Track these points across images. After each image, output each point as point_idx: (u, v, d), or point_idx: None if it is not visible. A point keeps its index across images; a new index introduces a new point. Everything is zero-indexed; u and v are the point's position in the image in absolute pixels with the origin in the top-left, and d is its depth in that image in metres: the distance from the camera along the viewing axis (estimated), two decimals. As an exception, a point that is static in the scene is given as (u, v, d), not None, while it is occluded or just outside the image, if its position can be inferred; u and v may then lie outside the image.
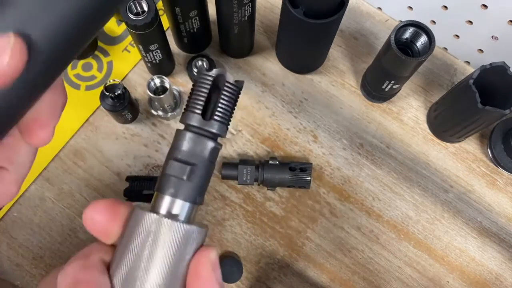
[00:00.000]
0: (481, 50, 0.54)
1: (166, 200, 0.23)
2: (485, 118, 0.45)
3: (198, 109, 0.22)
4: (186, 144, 0.23)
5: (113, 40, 0.57)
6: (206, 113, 0.23)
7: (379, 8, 0.59)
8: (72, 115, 0.53)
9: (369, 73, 0.53)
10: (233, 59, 0.56)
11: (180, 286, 0.23)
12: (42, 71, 0.19)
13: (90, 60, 0.56)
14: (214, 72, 0.22)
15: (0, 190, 0.23)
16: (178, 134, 0.23)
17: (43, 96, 0.21)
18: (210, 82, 0.22)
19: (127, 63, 0.56)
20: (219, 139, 0.24)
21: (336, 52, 0.57)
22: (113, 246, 0.24)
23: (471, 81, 0.44)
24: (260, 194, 0.52)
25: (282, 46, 0.53)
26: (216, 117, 0.23)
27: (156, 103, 0.51)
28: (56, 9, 0.18)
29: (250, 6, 0.46)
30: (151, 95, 0.48)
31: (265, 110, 0.55)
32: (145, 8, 0.44)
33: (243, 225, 0.51)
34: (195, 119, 0.22)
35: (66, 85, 0.55)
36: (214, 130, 0.23)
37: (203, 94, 0.22)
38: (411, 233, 0.52)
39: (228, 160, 0.52)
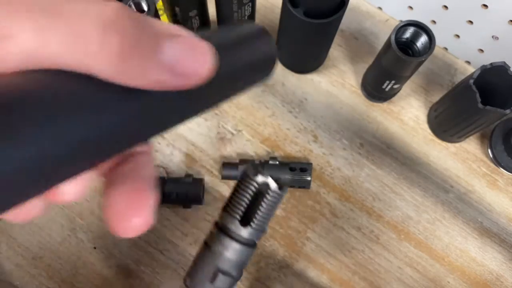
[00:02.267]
0: (481, 50, 0.54)
1: None
2: (485, 118, 0.45)
3: (239, 214, 0.22)
4: (225, 251, 0.22)
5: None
6: (247, 219, 0.22)
7: (380, 8, 0.59)
8: (72, 115, 0.53)
9: (370, 73, 0.53)
10: (233, 59, 0.56)
11: None
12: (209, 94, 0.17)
13: (90, 60, 0.55)
14: (259, 179, 0.22)
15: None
16: (221, 240, 0.22)
17: None
18: (254, 189, 0.22)
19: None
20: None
21: (336, 52, 0.57)
22: None
23: (472, 81, 0.44)
24: (260, 194, 0.52)
25: (282, 45, 0.53)
26: (255, 226, 0.22)
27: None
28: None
29: (250, 5, 0.46)
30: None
31: (265, 110, 0.55)
32: (145, 8, 0.44)
33: (243, 225, 0.51)
34: (239, 228, 0.22)
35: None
36: (254, 239, 0.23)
37: (245, 200, 0.22)
38: (411, 233, 0.51)
39: (228, 160, 0.52)
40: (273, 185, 0.22)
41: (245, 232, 0.22)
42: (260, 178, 0.22)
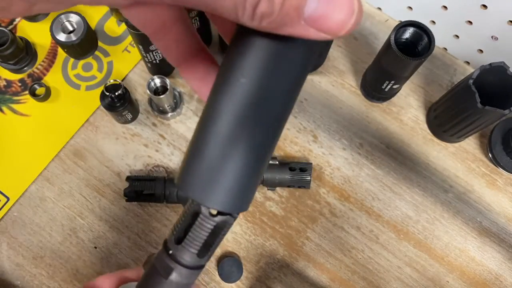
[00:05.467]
0: (480, 50, 0.54)
1: None
2: (484, 118, 0.45)
3: (196, 249, 0.21)
4: (184, 280, 0.22)
5: (114, 41, 0.57)
6: (203, 251, 0.22)
7: (379, 8, 0.59)
8: (72, 115, 0.54)
9: (369, 73, 0.53)
10: (233, 59, 0.56)
11: None
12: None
13: (90, 60, 0.56)
14: (218, 219, 0.21)
15: None
16: (179, 271, 0.22)
17: None
18: (211, 227, 0.21)
19: (127, 63, 0.56)
20: None
21: (336, 52, 0.57)
22: None
23: (471, 81, 0.44)
24: (260, 194, 0.52)
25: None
26: (210, 253, 0.22)
27: (156, 103, 0.52)
28: None
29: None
30: (151, 95, 0.48)
31: (265, 110, 0.55)
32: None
33: (243, 225, 0.51)
34: (196, 259, 0.22)
35: (66, 85, 0.55)
36: (203, 263, 0.22)
37: (203, 237, 0.21)
38: (411, 233, 0.52)
39: (228, 160, 0.52)
40: (230, 220, 0.21)
41: (201, 261, 0.22)
42: (218, 218, 0.21)
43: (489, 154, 0.53)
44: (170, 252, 0.22)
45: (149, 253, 0.50)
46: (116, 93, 0.48)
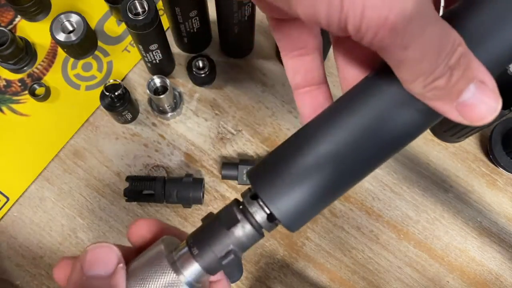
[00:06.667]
0: (481, 50, 0.54)
1: (196, 269, 0.22)
2: (485, 118, 0.45)
3: (269, 210, 0.22)
4: (244, 238, 0.22)
5: (113, 40, 0.57)
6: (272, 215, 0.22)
7: (379, 8, 0.59)
8: (72, 115, 0.54)
9: (369, 73, 0.53)
10: (233, 59, 0.56)
11: None
12: None
13: (90, 60, 0.56)
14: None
15: None
16: (244, 226, 0.22)
17: None
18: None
19: (127, 63, 0.56)
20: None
21: (336, 52, 0.57)
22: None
23: (471, 81, 0.44)
24: (260, 194, 0.52)
25: (282, 46, 0.53)
26: (277, 222, 0.23)
27: (156, 103, 0.52)
28: None
29: (250, 6, 0.46)
30: (151, 95, 0.48)
31: (265, 110, 0.55)
32: (145, 8, 0.44)
33: (243, 225, 0.51)
34: (265, 222, 0.22)
35: (66, 85, 0.55)
36: (268, 230, 0.23)
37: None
38: (411, 233, 0.52)
39: (228, 160, 0.52)
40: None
41: (266, 225, 0.22)
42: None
43: (490, 154, 0.53)
44: (241, 207, 0.22)
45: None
46: (116, 93, 0.48)
